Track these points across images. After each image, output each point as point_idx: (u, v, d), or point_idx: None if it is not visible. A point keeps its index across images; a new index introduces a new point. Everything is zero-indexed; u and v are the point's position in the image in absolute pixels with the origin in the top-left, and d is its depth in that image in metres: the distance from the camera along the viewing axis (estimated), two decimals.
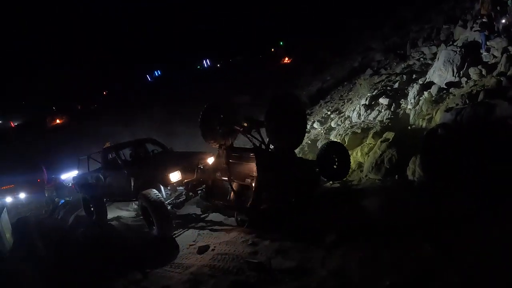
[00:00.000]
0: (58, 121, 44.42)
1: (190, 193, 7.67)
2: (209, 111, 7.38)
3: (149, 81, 52.57)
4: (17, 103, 53.51)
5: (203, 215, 8.47)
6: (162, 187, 7.67)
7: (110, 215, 10.03)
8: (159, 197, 7.00)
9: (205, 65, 48.37)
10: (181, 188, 7.83)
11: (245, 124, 6.81)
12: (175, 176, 7.51)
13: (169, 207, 7.43)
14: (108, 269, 6.44)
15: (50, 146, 26.99)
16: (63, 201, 13.88)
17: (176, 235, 7.44)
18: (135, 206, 10.32)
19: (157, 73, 54.08)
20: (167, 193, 7.99)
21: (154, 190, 7.14)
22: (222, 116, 7.41)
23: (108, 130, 21.31)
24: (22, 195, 16.96)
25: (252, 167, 6.37)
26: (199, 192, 7.69)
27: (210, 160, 8.12)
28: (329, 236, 5.08)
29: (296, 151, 8.18)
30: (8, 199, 16.42)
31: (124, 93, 44.92)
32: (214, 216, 8.13)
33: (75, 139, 25.39)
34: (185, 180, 7.51)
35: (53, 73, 54.74)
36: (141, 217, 8.02)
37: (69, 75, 54.03)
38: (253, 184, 6.22)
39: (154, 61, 55.81)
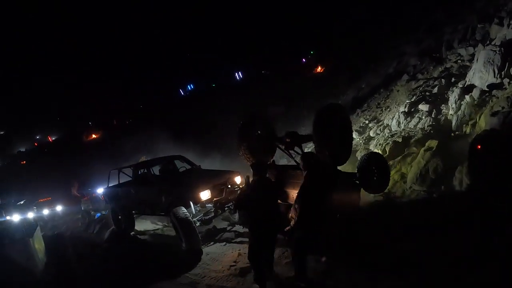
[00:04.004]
0: (94, 135, 45.70)
1: (218, 210, 8.03)
2: (246, 129, 6.95)
3: (182, 95, 53.20)
4: (55, 118, 55.95)
5: (229, 227, 8.82)
6: (192, 204, 7.93)
7: (142, 227, 10.47)
8: (186, 216, 7.38)
9: (237, 78, 48.25)
10: (209, 205, 8.11)
11: (288, 140, 6.40)
12: (205, 195, 7.80)
13: (198, 223, 7.84)
14: None
15: (87, 160, 27.69)
16: (99, 214, 14.08)
17: (211, 249, 7.54)
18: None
19: (190, 87, 54.57)
20: (197, 209, 8.29)
21: (183, 208, 7.53)
22: (259, 132, 7.02)
23: (143, 144, 21.65)
24: (59, 208, 17.41)
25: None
26: (226, 208, 8.05)
27: (237, 179, 8.43)
28: (379, 257, 4.78)
29: None
30: (45, 211, 16.96)
31: (159, 107, 45.42)
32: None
33: (111, 153, 25.94)
34: (215, 199, 7.79)
35: (89, 88, 56.49)
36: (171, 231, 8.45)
37: (105, 90, 55.65)
38: None
39: (187, 75, 56.23)
